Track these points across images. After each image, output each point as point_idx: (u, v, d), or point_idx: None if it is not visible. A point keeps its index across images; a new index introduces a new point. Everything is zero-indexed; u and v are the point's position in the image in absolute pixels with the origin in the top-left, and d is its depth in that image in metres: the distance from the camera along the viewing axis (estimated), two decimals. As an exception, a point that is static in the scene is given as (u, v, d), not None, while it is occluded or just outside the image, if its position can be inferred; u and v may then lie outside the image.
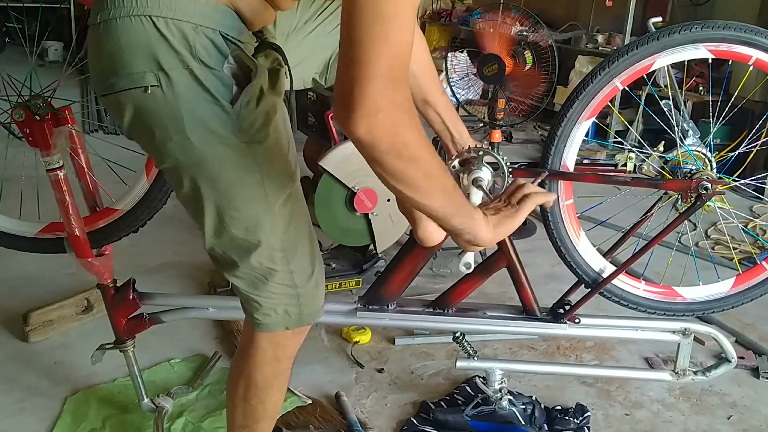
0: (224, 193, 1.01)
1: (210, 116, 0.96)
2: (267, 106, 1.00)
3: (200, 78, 0.94)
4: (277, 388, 1.22)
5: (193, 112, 0.95)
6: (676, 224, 1.45)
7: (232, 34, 0.97)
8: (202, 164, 0.99)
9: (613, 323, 1.60)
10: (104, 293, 1.54)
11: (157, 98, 0.94)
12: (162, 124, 0.96)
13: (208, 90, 0.95)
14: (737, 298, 1.56)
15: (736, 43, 1.35)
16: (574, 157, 1.45)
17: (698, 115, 4.46)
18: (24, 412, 1.75)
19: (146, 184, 1.47)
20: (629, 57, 1.37)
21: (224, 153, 0.98)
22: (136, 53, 0.93)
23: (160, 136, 0.98)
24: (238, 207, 1.02)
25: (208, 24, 0.94)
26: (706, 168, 1.42)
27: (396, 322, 1.55)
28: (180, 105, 0.95)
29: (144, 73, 0.93)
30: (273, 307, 1.11)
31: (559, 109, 1.44)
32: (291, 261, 1.09)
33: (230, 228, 1.04)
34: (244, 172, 1.00)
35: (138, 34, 0.92)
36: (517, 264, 1.48)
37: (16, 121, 1.35)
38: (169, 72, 0.93)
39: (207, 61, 0.94)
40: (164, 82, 0.94)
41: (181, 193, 1.04)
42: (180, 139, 0.97)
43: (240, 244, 1.05)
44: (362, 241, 2.45)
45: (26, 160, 1.44)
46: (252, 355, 1.17)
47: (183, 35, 0.93)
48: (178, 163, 1.00)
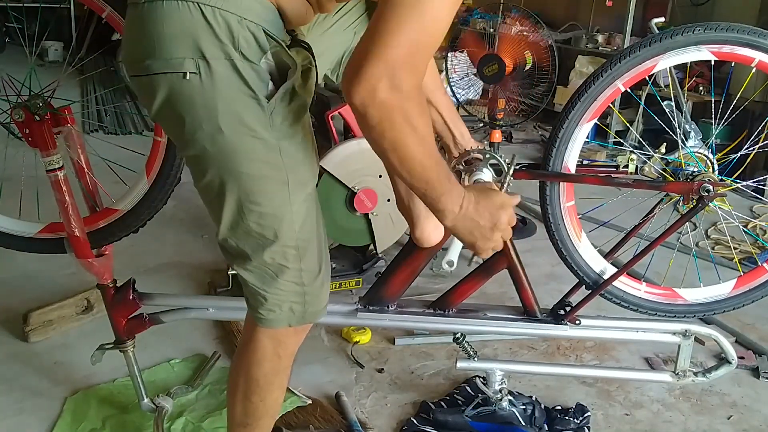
0: (248, 186, 1.01)
1: (245, 109, 0.97)
2: (299, 104, 1.01)
3: (240, 70, 0.94)
4: (277, 385, 1.22)
5: (229, 104, 0.96)
6: (677, 226, 1.44)
7: (273, 31, 0.98)
8: (230, 156, 0.99)
9: (613, 324, 1.60)
10: (104, 293, 1.53)
11: (194, 86, 0.94)
12: (195, 111, 0.96)
13: (247, 83, 0.95)
14: (738, 299, 1.55)
15: (738, 45, 1.34)
16: (576, 158, 1.45)
17: (698, 116, 4.46)
18: (24, 412, 1.75)
19: (146, 185, 1.47)
20: (631, 59, 1.37)
21: (254, 147, 0.99)
22: (178, 38, 0.93)
23: (190, 124, 0.98)
24: (259, 201, 1.02)
25: (252, 18, 0.94)
26: (707, 170, 1.42)
27: (396, 323, 1.55)
28: (217, 95, 0.95)
29: (184, 59, 0.93)
30: (279, 303, 1.11)
31: (561, 111, 1.43)
32: (303, 259, 1.09)
33: (248, 221, 1.04)
34: (271, 167, 1.01)
35: (183, 20, 0.92)
36: (517, 265, 1.48)
37: (16, 121, 1.35)
38: (210, 60, 0.93)
39: (248, 55, 0.95)
40: (204, 71, 0.94)
41: (202, 182, 1.04)
42: (211, 128, 0.97)
43: (255, 238, 1.05)
44: (362, 241, 2.45)
45: (26, 160, 1.44)
46: (253, 351, 1.17)
47: (228, 26, 0.93)
48: (204, 152, 1.00)
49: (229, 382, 1.26)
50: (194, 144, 1.00)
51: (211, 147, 0.99)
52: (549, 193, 1.47)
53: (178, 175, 1.47)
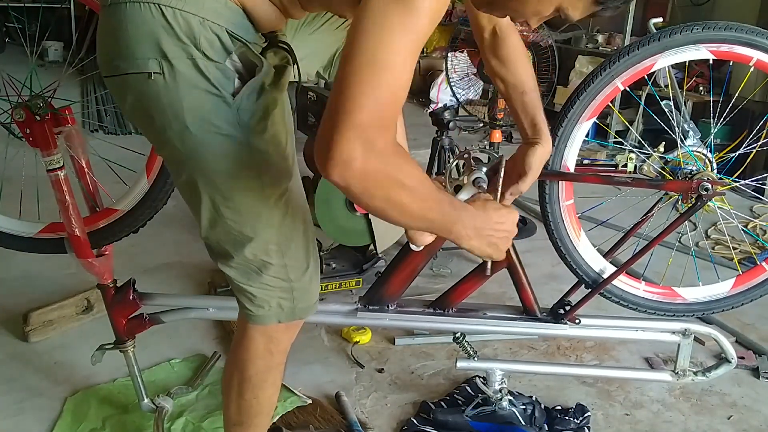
0: (220, 185, 1.02)
1: (210, 107, 0.97)
2: (267, 100, 1.01)
3: (202, 69, 0.95)
4: (270, 382, 1.23)
5: (193, 102, 0.97)
6: (676, 225, 1.45)
7: (238, 32, 0.98)
8: (199, 154, 0.99)
9: (613, 324, 1.60)
10: (104, 293, 1.54)
11: (158, 85, 0.96)
12: (162, 111, 0.98)
13: (210, 81, 0.96)
14: (737, 298, 1.56)
15: (736, 44, 1.35)
16: (575, 157, 1.45)
17: (698, 115, 4.46)
18: (24, 412, 1.75)
19: (146, 185, 1.47)
20: (630, 57, 1.37)
21: (222, 144, 0.99)
22: (141, 39, 0.94)
23: (159, 123, 0.99)
24: (233, 198, 1.03)
25: (215, 20, 0.95)
26: (706, 169, 1.42)
27: (396, 322, 1.55)
28: (180, 94, 0.96)
29: (148, 60, 0.95)
30: (266, 299, 1.11)
31: (560, 110, 1.44)
32: (285, 255, 1.09)
33: (225, 219, 1.04)
34: (241, 164, 1.01)
35: (145, 21, 0.94)
36: (517, 264, 1.48)
37: (17, 121, 1.35)
38: (172, 60, 0.94)
39: (211, 55, 0.96)
40: (167, 70, 0.95)
41: (178, 181, 1.06)
42: (179, 127, 0.98)
43: (235, 236, 1.06)
44: (362, 241, 2.46)
45: (26, 160, 1.44)
46: (245, 348, 1.18)
47: (189, 27, 0.94)
48: (176, 151, 1.01)
49: (223, 380, 1.27)
50: (166, 143, 1.01)
51: (181, 146, 1.00)
52: (548, 192, 1.47)
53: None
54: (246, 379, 1.20)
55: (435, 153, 2.83)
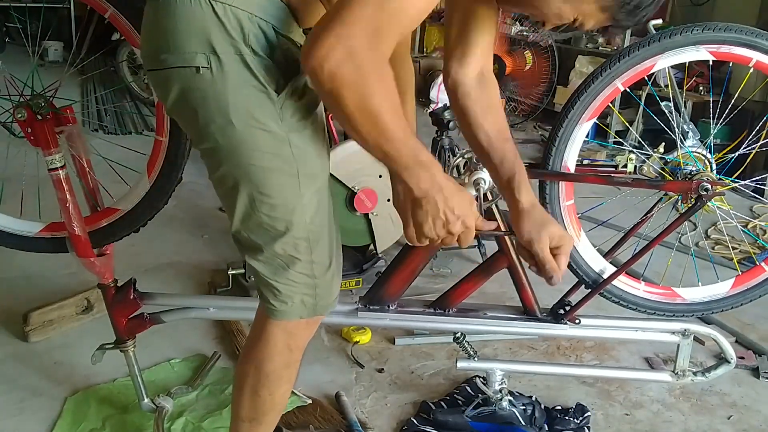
0: (259, 179, 1.03)
1: (255, 102, 0.99)
2: (309, 99, 1.03)
3: (250, 65, 0.97)
4: (286, 379, 1.23)
5: (239, 97, 0.98)
6: (676, 225, 1.45)
7: (283, 28, 1.00)
8: (241, 148, 1.01)
9: (613, 324, 1.60)
10: (105, 293, 1.54)
11: (205, 80, 0.97)
12: (207, 105, 0.99)
13: (257, 77, 0.98)
14: (737, 298, 1.56)
15: (736, 45, 1.35)
16: (575, 157, 1.46)
17: (698, 116, 4.46)
18: (24, 412, 1.75)
19: (147, 184, 1.47)
20: (630, 58, 1.38)
21: (264, 139, 1.01)
22: (191, 33, 0.96)
23: (203, 117, 1.00)
24: (270, 193, 1.04)
25: (262, 15, 0.97)
26: (706, 169, 1.42)
27: (397, 322, 1.56)
28: (227, 89, 0.98)
29: (196, 54, 0.96)
30: (290, 295, 1.12)
31: (560, 110, 1.44)
32: (313, 251, 1.11)
33: (260, 213, 1.06)
34: (281, 159, 1.03)
35: (195, 15, 0.95)
36: (517, 264, 1.48)
37: (18, 120, 1.35)
38: (221, 55, 0.96)
39: (258, 50, 0.97)
40: (215, 65, 0.96)
41: (216, 174, 1.07)
42: (223, 121, 0.99)
43: (267, 230, 1.07)
44: (362, 241, 2.46)
45: (27, 159, 1.45)
46: (264, 344, 1.18)
47: (239, 22, 0.96)
48: (217, 145, 1.02)
49: (237, 376, 1.26)
50: (208, 137, 1.02)
51: (223, 140, 1.01)
52: (549, 192, 1.48)
53: (179, 175, 1.47)
54: (263, 376, 1.20)
55: (435, 153, 2.83)
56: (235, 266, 2.35)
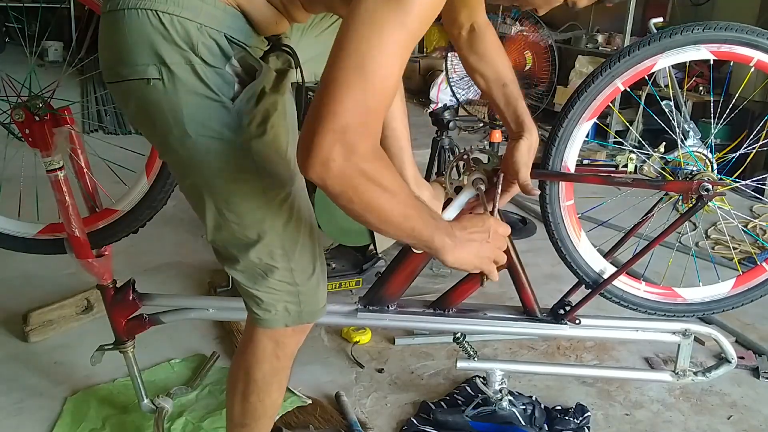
0: (222, 189, 1.02)
1: (209, 112, 0.97)
2: (267, 104, 1.01)
3: (201, 74, 0.96)
4: (276, 386, 1.23)
5: (192, 107, 0.97)
6: (676, 225, 1.45)
7: (238, 37, 0.98)
8: (200, 159, 1.00)
9: (613, 324, 1.60)
10: (104, 294, 1.53)
11: (158, 91, 0.96)
12: (163, 116, 0.98)
13: (209, 86, 0.96)
14: (737, 299, 1.56)
15: (737, 45, 1.35)
16: (575, 157, 1.45)
17: (698, 115, 4.46)
18: (24, 412, 1.75)
19: (146, 185, 1.47)
20: (631, 58, 1.37)
21: (222, 149, 0.99)
22: (140, 45, 0.95)
23: (161, 129, 1.00)
24: (235, 202, 1.03)
25: (213, 25, 0.95)
26: (706, 169, 1.42)
27: (396, 323, 1.55)
28: (180, 99, 0.96)
29: (147, 66, 0.95)
30: (273, 303, 1.11)
31: (560, 110, 1.43)
32: (291, 259, 1.09)
33: (229, 223, 1.05)
34: (242, 168, 1.01)
35: (143, 27, 0.94)
36: (517, 265, 1.48)
37: (16, 121, 1.35)
38: (171, 66, 0.95)
39: (209, 60, 0.96)
40: (166, 76, 0.95)
41: (183, 185, 1.07)
42: (179, 132, 0.98)
43: (240, 239, 1.06)
44: (362, 241, 2.45)
45: (25, 160, 1.44)
46: (252, 351, 1.18)
47: (187, 33, 0.94)
48: (178, 156, 1.01)
49: (228, 382, 1.26)
50: (168, 149, 1.02)
51: (183, 151, 1.00)
52: (549, 192, 1.47)
53: (178, 176, 1.47)
54: (252, 382, 1.20)
55: (435, 153, 2.83)
56: (234, 266, 2.34)
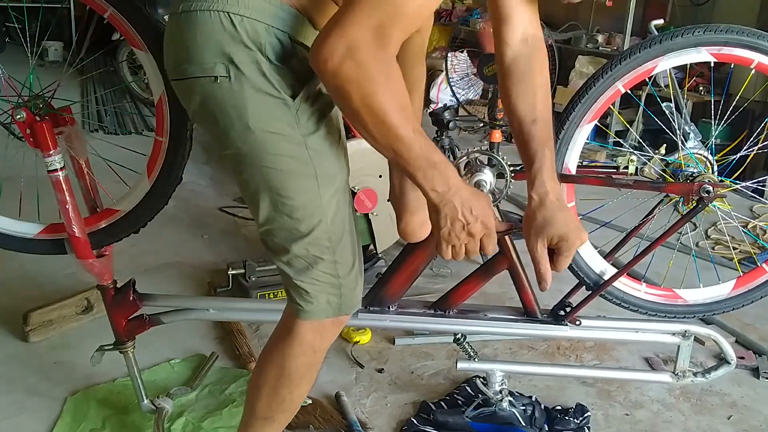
0: (279, 182, 1.06)
1: (272, 108, 1.03)
2: (323, 103, 1.07)
3: (266, 73, 1.01)
4: (307, 379, 1.24)
5: (256, 104, 1.02)
6: (677, 227, 1.45)
7: (299, 36, 1.04)
8: (260, 154, 1.05)
9: (613, 325, 1.60)
10: (104, 294, 1.53)
11: (224, 88, 1.01)
12: (226, 113, 1.03)
13: (273, 84, 1.02)
14: (738, 300, 1.56)
15: (738, 47, 1.35)
16: (577, 159, 1.45)
17: (698, 115, 4.46)
18: (24, 412, 1.75)
19: (147, 185, 1.46)
20: (632, 60, 1.37)
21: (281, 144, 1.05)
22: (210, 45, 1.00)
23: (223, 124, 1.04)
24: (291, 196, 1.07)
25: (279, 26, 1.01)
26: (707, 171, 1.42)
27: (397, 323, 1.55)
28: (245, 96, 1.01)
29: (215, 64, 1.00)
30: (316, 294, 1.14)
31: (562, 112, 1.44)
32: (336, 251, 1.13)
33: (282, 215, 1.09)
34: (299, 163, 1.06)
35: (215, 28, 1.00)
36: (518, 266, 1.48)
37: (17, 121, 1.34)
38: (238, 65, 1.00)
39: (274, 59, 1.02)
40: (233, 74, 1.00)
41: (239, 179, 1.10)
42: (242, 127, 1.03)
43: (290, 231, 1.10)
44: (362, 241, 2.45)
45: (26, 160, 1.44)
46: (290, 343, 1.19)
47: (255, 33, 1.00)
48: (238, 150, 1.06)
49: (256, 374, 1.27)
50: (229, 144, 1.06)
51: (243, 146, 1.05)
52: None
53: (179, 176, 1.47)
54: (285, 375, 1.21)
55: (435, 153, 2.83)
56: (235, 266, 2.34)
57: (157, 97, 1.41)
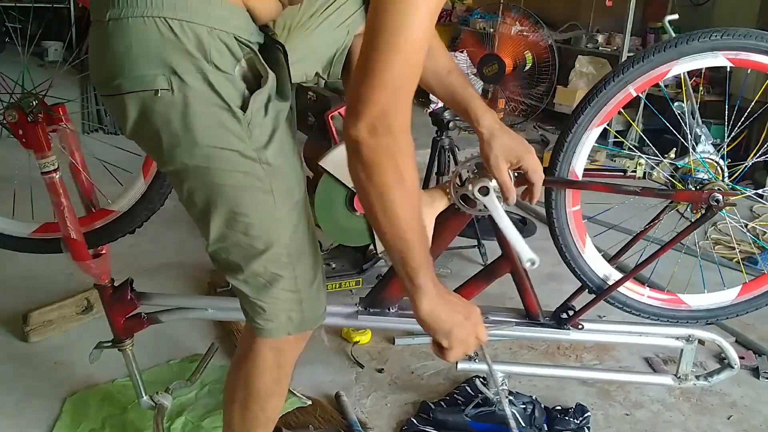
0: (232, 198, 1.00)
1: (220, 122, 0.95)
2: (275, 112, 0.99)
3: (213, 83, 0.93)
4: (278, 394, 1.21)
5: (204, 118, 0.94)
6: (684, 235, 1.41)
7: (244, 35, 0.96)
8: (210, 169, 0.97)
9: (616, 329, 1.57)
10: (102, 293, 1.52)
11: (166, 102, 0.93)
12: (170, 127, 0.94)
13: (221, 95, 0.94)
14: (742, 306, 1.54)
15: (755, 52, 1.31)
16: (584, 163, 1.41)
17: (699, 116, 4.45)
18: (23, 412, 1.74)
19: (143, 185, 1.46)
20: (644, 64, 1.33)
21: (233, 159, 0.97)
22: (147, 55, 0.91)
23: (167, 140, 0.96)
24: (245, 212, 1.01)
25: (222, 27, 0.93)
26: (718, 178, 1.37)
27: (398, 325, 1.54)
28: (191, 110, 0.93)
29: (155, 76, 0.91)
30: (276, 312, 1.09)
31: (570, 115, 1.39)
32: (296, 267, 1.08)
33: (237, 232, 1.02)
34: (253, 178, 0.99)
35: (151, 36, 0.90)
36: (520, 269, 1.47)
37: (9, 122, 1.29)
38: (182, 76, 0.91)
39: (221, 66, 0.93)
40: (176, 86, 0.92)
41: (184, 196, 1.03)
42: (188, 143, 0.95)
43: (245, 249, 1.04)
44: (362, 241, 2.45)
45: (19, 159, 1.42)
46: (253, 362, 1.15)
47: (198, 39, 0.91)
48: (185, 167, 0.98)
49: (226, 391, 1.23)
50: (173, 160, 0.98)
51: (191, 161, 0.97)
52: (554, 198, 1.45)
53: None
54: (253, 393, 1.18)
55: (435, 153, 2.83)
56: (234, 266, 2.34)
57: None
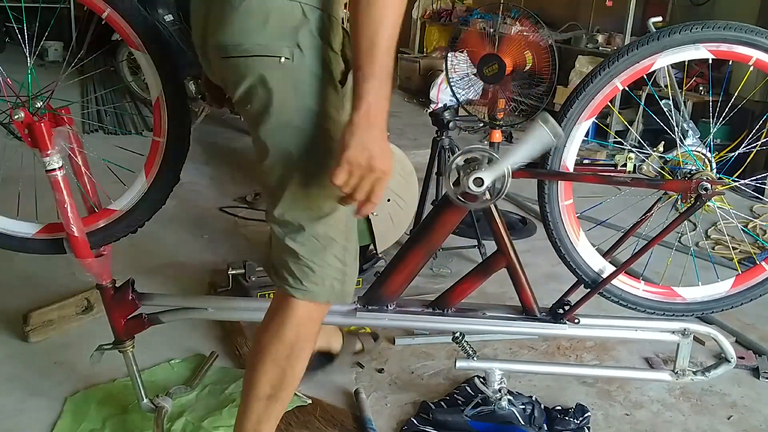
0: (317, 162, 1.11)
1: (326, 92, 1.10)
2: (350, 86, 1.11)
3: (325, 59, 1.09)
4: (304, 356, 1.26)
5: (314, 86, 1.09)
6: (675, 225, 1.45)
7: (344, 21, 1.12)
8: (309, 134, 1.10)
9: (612, 323, 1.60)
10: (103, 294, 1.53)
11: (286, 69, 1.07)
12: (284, 90, 1.08)
13: (330, 70, 1.09)
14: (737, 298, 1.55)
15: (736, 44, 1.35)
16: (574, 157, 1.45)
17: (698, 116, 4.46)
18: (24, 412, 1.75)
19: (145, 185, 1.47)
20: (629, 57, 1.37)
21: (329, 126, 1.11)
22: (282, 29, 1.07)
23: (277, 101, 1.09)
24: (325, 175, 1.08)
25: (336, 14, 1.09)
26: (705, 168, 1.42)
27: (396, 322, 1.55)
28: (304, 79, 1.08)
29: (281, 47, 1.07)
30: (324, 276, 1.18)
31: (559, 110, 1.43)
32: (348, 237, 1.19)
33: (311, 194, 1.13)
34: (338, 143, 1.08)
35: (291, 16, 1.07)
36: (516, 264, 1.48)
37: (15, 122, 1.34)
38: (303, 49, 1.07)
39: (333, 45, 1.09)
40: (297, 57, 1.07)
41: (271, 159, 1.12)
42: (297, 104, 1.09)
43: (314, 211, 1.14)
44: (362, 241, 2.45)
45: (24, 160, 1.44)
46: (288, 316, 1.21)
47: (322, 22, 1.08)
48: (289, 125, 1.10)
49: (254, 352, 1.28)
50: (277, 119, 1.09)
51: (300, 123, 1.10)
52: (547, 191, 1.47)
53: (177, 176, 1.47)
54: (287, 346, 1.23)
55: (435, 153, 2.83)
56: (235, 266, 2.34)
57: (154, 98, 1.40)
